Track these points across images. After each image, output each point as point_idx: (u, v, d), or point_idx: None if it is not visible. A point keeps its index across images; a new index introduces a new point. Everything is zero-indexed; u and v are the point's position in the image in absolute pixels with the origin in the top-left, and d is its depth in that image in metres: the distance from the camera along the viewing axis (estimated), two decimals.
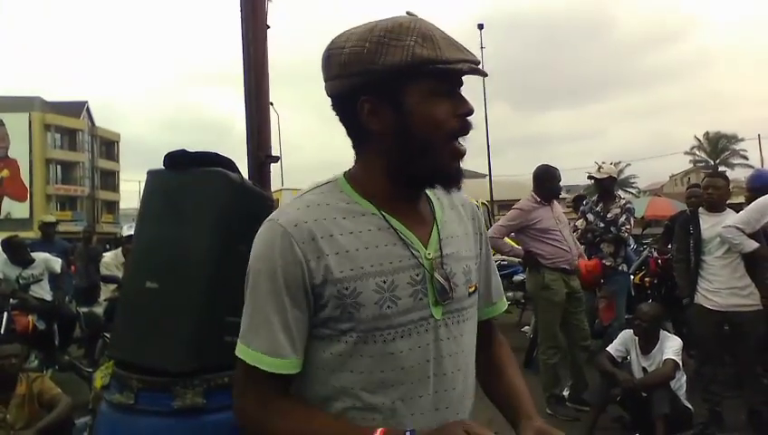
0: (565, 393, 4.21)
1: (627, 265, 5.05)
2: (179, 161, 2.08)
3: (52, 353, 4.84)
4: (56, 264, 5.40)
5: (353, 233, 0.88)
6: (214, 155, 2.15)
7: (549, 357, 4.12)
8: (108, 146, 47.12)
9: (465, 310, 0.97)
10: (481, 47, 20.61)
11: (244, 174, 2.38)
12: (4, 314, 4.43)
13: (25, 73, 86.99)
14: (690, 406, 3.53)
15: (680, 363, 3.51)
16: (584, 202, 5.29)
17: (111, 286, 5.51)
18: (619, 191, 9.46)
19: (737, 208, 3.81)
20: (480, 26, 21.10)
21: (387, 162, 0.91)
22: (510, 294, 7.71)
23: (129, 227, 7.18)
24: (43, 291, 5.16)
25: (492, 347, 1.11)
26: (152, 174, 2.18)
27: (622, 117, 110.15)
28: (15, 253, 5.13)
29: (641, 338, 3.67)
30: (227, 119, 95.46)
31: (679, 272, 3.91)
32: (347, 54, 0.87)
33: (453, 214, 1.01)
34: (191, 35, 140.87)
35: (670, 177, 47.92)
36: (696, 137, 43.63)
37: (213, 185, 1.97)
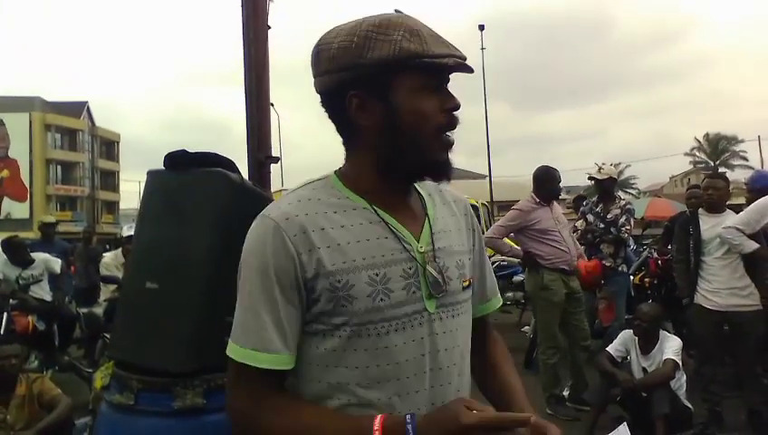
0: (565, 393, 4.22)
1: (627, 266, 5.06)
2: (179, 162, 2.08)
3: (52, 354, 4.84)
4: (56, 264, 5.40)
5: (344, 227, 0.88)
6: (214, 155, 2.15)
7: (548, 357, 4.12)
8: (108, 146, 47.15)
9: (459, 304, 0.96)
10: (482, 48, 20.66)
11: (245, 174, 2.38)
12: (4, 314, 4.43)
13: (26, 73, 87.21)
14: (690, 406, 3.53)
15: (680, 363, 3.51)
16: (584, 203, 5.29)
17: (111, 287, 5.51)
18: (619, 192, 9.48)
19: (737, 209, 3.82)
20: (481, 27, 21.12)
21: (376, 157, 0.91)
22: (510, 295, 7.71)
23: (129, 228, 7.18)
24: (42, 291, 5.16)
25: (487, 345, 1.10)
26: (152, 174, 2.18)
27: (622, 118, 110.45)
28: (15, 253, 5.13)
29: (641, 338, 3.67)
30: (227, 119, 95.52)
31: (679, 272, 3.91)
32: (335, 49, 0.88)
33: (445, 210, 1.01)
34: (191, 35, 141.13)
35: (670, 178, 47.93)
36: (696, 138, 43.75)
37: (213, 185, 1.97)
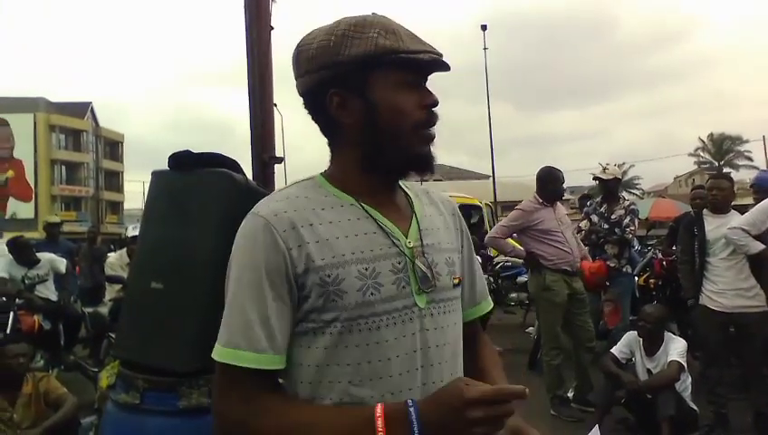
0: (570, 394, 4.21)
1: (631, 267, 5.05)
2: (184, 162, 2.09)
3: (58, 353, 4.87)
4: (61, 264, 5.43)
5: (333, 222, 0.89)
6: (218, 156, 2.15)
7: (552, 358, 4.12)
8: (112, 146, 47.33)
9: (450, 301, 0.96)
10: (484, 48, 20.63)
11: (249, 175, 2.39)
12: (11, 313, 4.44)
13: (30, 74, 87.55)
14: (696, 408, 3.52)
15: (685, 365, 3.50)
16: (588, 203, 5.28)
17: (116, 287, 5.54)
18: (623, 192, 9.46)
19: (742, 210, 3.80)
20: (483, 27, 21.09)
21: (360, 154, 0.92)
22: (514, 295, 7.70)
23: (133, 228, 7.23)
24: (48, 291, 5.19)
25: (476, 348, 1.08)
26: (157, 175, 2.18)
27: (626, 118, 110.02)
28: (21, 253, 5.15)
29: (645, 340, 3.66)
30: (231, 119, 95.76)
31: (684, 273, 3.90)
32: (314, 50, 0.90)
33: (432, 209, 1.02)
34: (195, 35, 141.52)
35: (674, 178, 47.78)
36: (701, 138, 43.56)
37: (217, 186, 1.97)
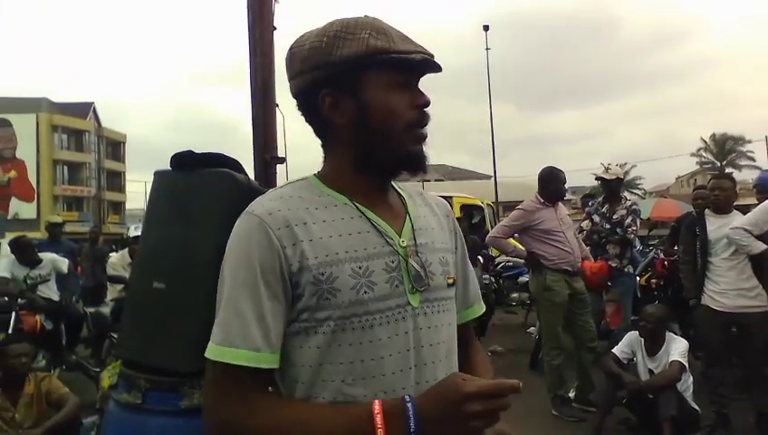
0: (571, 394, 4.21)
1: (633, 267, 5.05)
2: (186, 162, 2.09)
3: (60, 353, 4.87)
4: (63, 264, 5.43)
5: (326, 221, 0.89)
6: (220, 156, 2.15)
7: (553, 358, 4.12)
8: (114, 147, 47.39)
9: (444, 300, 0.96)
10: (486, 48, 20.63)
11: (251, 175, 2.39)
12: (13, 313, 4.45)
13: (33, 75, 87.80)
14: (697, 408, 3.51)
15: (686, 365, 3.50)
16: (590, 203, 5.28)
17: (118, 287, 5.55)
18: (625, 193, 9.45)
19: (744, 210, 3.80)
20: (486, 27, 21.11)
21: (353, 154, 0.93)
22: (515, 295, 7.71)
23: (135, 228, 7.23)
24: (50, 291, 5.19)
25: (468, 353, 1.07)
26: (159, 175, 2.19)
27: (628, 118, 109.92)
28: (23, 253, 5.16)
29: (647, 340, 3.66)
30: (233, 119, 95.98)
31: (686, 273, 3.90)
32: (306, 51, 0.91)
33: (426, 210, 1.02)
34: (198, 36, 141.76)
35: (676, 178, 47.70)
36: (703, 138, 43.46)
37: (220, 186, 1.97)
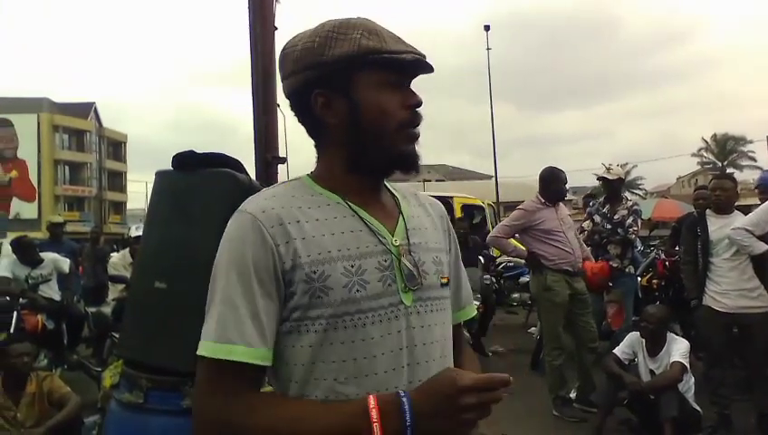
0: (572, 395, 4.20)
1: (634, 267, 5.04)
2: (187, 162, 2.10)
3: (61, 353, 4.87)
4: (65, 264, 5.43)
5: (319, 220, 0.89)
6: (221, 156, 2.16)
7: (554, 358, 4.11)
8: (115, 147, 47.43)
9: (437, 300, 0.96)
10: (487, 48, 20.62)
11: (252, 175, 2.40)
12: (14, 313, 4.46)
13: (34, 75, 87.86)
14: (699, 409, 3.51)
15: (688, 366, 3.49)
16: (591, 204, 5.27)
17: (119, 286, 5.55)
18: (626, 193, 9.44)
19: (746, 211, 3.79)
20: (486, 27, 21.10)
21: (345, 154, 0.93)
22: (516, 296, 7.71)
23: (136, 228, 7.24)
24: (51, 291, 5.19)
25: (457, 357, 1.05)
26: (160, 175, 2.19)
27: (629, 118, 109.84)
28: (25, 253, 5.16)
29: (648, 340, 3.65)
30: (234, 119, 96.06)
31: (687, 274, 3.89)
32: (299, 51, 0.92)
33: (420, 210, 1.02)
34: (199, 35, 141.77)
35: (677, 178, 47.63)
36: (704, 138, 43.44)
37: (221, 185, 1.98)
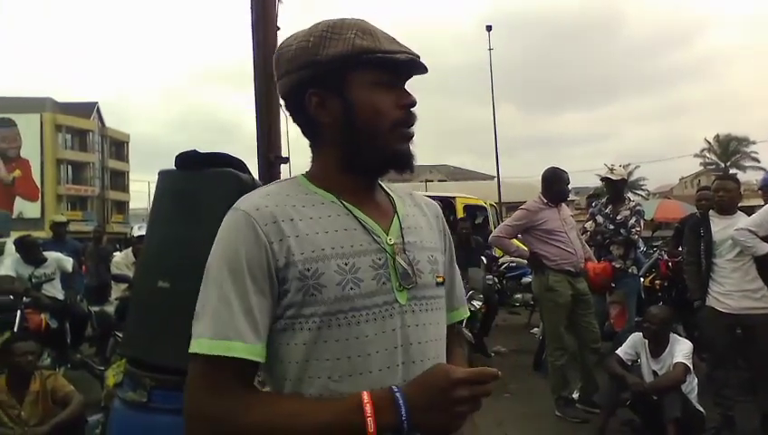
0: (575, 395, 4.20)
1: (637, 268, 5.03)
2: (190, 162, 2.10)
3: (65, 352, 4.88)
4: (68, 263, 5.44)
5: (313, 218, 0.89)
6: (224, 155, 2.17)
7: (556, 359, 4.11)
8: (118, 146, 47.52)
9: (432, 299, 0.95)
10: (489, 48, 20.58)
11: (255, 174, 2.40)
12: (18, 312, 4.47)
13: (37, 75, 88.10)
14: (702, 410, 3.49)
15: (691, 367, 3.48)
16: (593, 204, 5.27)
17: (122, 286, 5.55)
18: (629, 193, 9.42)
19: (749, 211, 3.78)
20: (488, 27, 21.06)
21: (340, 153, 0.93)
22: (519, 296, 7.71)
23: (138, 228, 7.24)
24: (55, 290, 5.20)
25: (450, 356, 1.03)
26: (164, 174, 2.20)
27: (631, 119, 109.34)
28: (28, 252, 5.17)
29: (651, 341, 3.64)
30: (237, 119, 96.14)
31: (690, 275, 3.88)
32: (293, 50, 0.92)
33: (416, 209, 1.02)
34: (201, 36, 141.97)
35: (680, 179, 47.51)
36: (707, 139, 43.34)
37: (224, 185, 1.98)
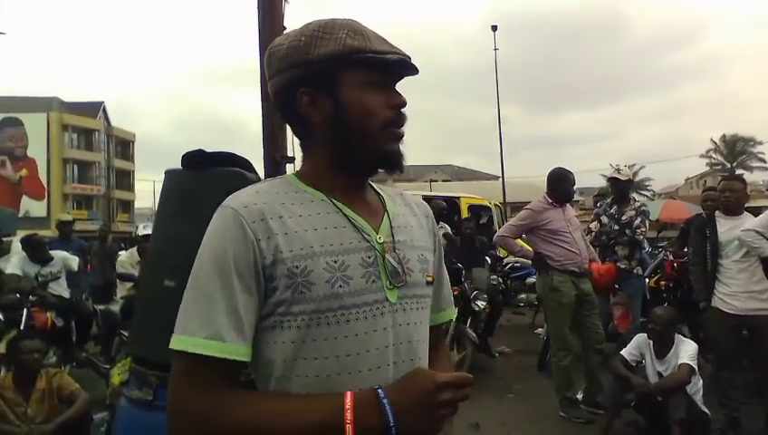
0: (579, 396, 4.19)
1: (642, 269, 5.01)
2: (197, 161, 2.11)
3: (70, 350, 4.90)
4: (74, 262, 5.47)
5: (302, 216, 0.89)
6: (231, 155, 2.17)
7: (560, 359, 4.10)
8: (123, 146, 47.72)
9: (423, 298, 0.95)
10: (494, 48, 20.56)
11: (261, 174, 2.41)
12: (24, 310, 4.50)
13: (43, 74, 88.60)
14: (707, 411, 3.48)
15: (696, 368, 3.47)
16: (598, 204, 5.25)
17: (127, 284, 5.58)
18: (634, 194, 9.41)
19: (755, 212, 3.76)
20: (494, 28, 21.02)
21: (330, 152, 0.93)
22: (523, 296, 7.69)
23: (144, 227, 7.26)
24: (60, 288, 5.22)
25: (434, 360, 1.02)
26: (170, 174, 2.21)
27: (636, 119, 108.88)
28: (35, 251, 5.20)
29: (656, 342, 3.63)
30: (243, 119, 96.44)
31: (695, 275, 3.87)
32: (285, 49, 0.93)
33: (406, 209, 1.02)
34: (207, 35, 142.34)
35: (686, 180, 47.32)
36: (713, 139, 43.14)
37: (230, 185, 1.96)
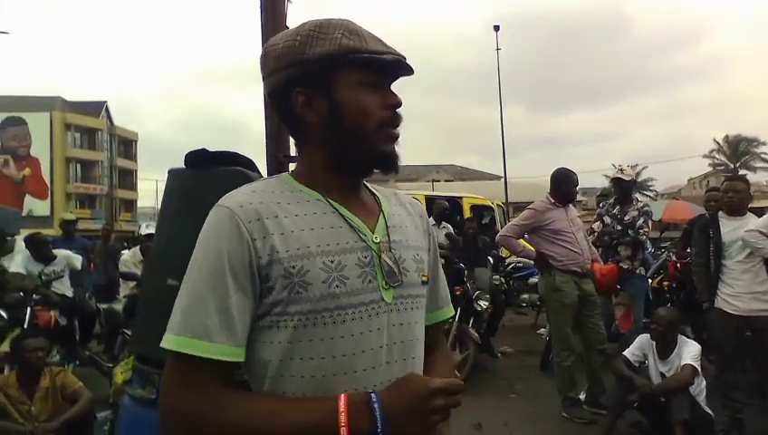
0: (582, 396, 4.18)
1: (644, 269, 5.00)
2: (200, 160, 2.11)
3: (74, 349, 4.91)
4: (77, 261, 5.49)
5: (298, 216, 0.89)
6: (234, 154, 2.17)
7: (563, 359, 4.09)
8: (126, 145, 47.83)
9: (418, 298, 0.96)
10: (497, 48, 20.54)
11: (264, 173, 2.41)
12: (28, 309, 4.51)
13: (46, 74, 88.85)
14: (710, 412, 3.47)
15: (699, 369, 3.46)
16: (601, 205, 5.24)
17: (130, 283, 5.60)
18: (637, 194, 9.39)
19: (759, 213, 3.75)
20: (496, 28, 21.02)
21: (326, 152, 0.93)
22: (525, 296, 7.69)
23: (146, 226, 7.28)
24: (64, 287, 5.24)
25: (432, 355, 1.03)
26: (173, 173, 2.21)
27: (639, 119, 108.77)
28: (38, 250, 5.21)
29: (659, 343, 3.63)
30: (246, 118, 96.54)
31: (699, 276, 3.85)
32: (280, 49, 0.92)
33: (401, 209, 1.03)
34: (210, 35, 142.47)
35: (689, 180, 47.19)
36: (716, 140, 43.05)
37: (233, 184, 1.97)
